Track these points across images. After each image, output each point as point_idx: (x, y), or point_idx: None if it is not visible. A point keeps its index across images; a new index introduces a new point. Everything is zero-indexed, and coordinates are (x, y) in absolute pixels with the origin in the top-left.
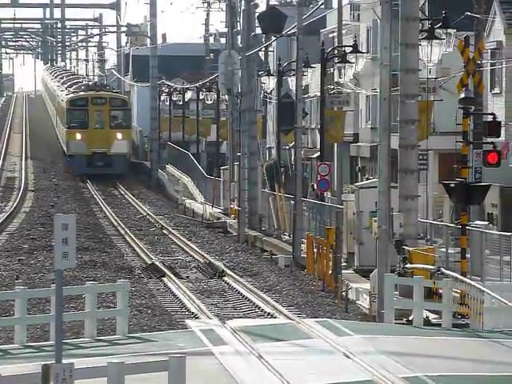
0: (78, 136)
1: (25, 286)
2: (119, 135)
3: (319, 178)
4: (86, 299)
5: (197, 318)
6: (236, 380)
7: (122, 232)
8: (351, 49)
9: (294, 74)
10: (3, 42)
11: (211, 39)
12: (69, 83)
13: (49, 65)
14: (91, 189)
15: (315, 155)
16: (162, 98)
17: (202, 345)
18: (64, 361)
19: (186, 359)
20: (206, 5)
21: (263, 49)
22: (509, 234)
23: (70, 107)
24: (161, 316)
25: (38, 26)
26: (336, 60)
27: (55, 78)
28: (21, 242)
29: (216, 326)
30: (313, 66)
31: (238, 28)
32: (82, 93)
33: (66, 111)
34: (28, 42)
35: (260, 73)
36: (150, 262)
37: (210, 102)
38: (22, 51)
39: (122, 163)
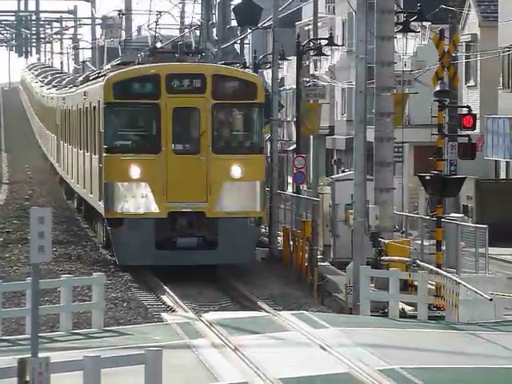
0: (135, 172)
1: None
2: (237, 170)
3: (295, 171)
4: (61, 292)
5: (173, 311)
6: (212, 373)
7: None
8: (327, 41)
9: (269, 67)
10: None
11: (186, 31)
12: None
13: (28, 62)
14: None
15: (291, 148)
16: None
17: (178, 338)
18: (40, 354)
19: (162, 353)
20: None
21: (239, 41)
22: (484, 226)
23: (117, 99)
24: (137, 309)
25: (13, 18)
26: (312, 53)
27: (45, 82)
28: None
29: (192, 320)
30: (288, 58)
31: (214, 20)
32: (145, 65)
33: (104, 110)
34: (2, 34)
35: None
36: None
37: None
38: None
39: (244, 240)
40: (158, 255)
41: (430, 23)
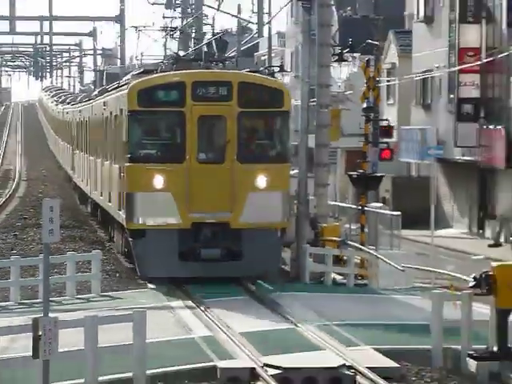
0: (159, 181)
1: (18, 256)
2: (262, 180)
3: None
4: (67, 266)
5: (156, 279)
6: (186, 329)
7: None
8: (279, 68)
9: None
10: (3, 62)
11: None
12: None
13: (43, 85)
14: None
15: None
16: None
17: (160, 301)
18: (50, 315)
19: (146, 313)
20: (164, 34)
21: None
22: (398, 213)
23: (141, 107)
24: (127, 279)
25: (31, 49)
26: None
27: (60, 101)
28: (15, 221)
29: (171, 286)
30: None
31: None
32: (170, 72)
33: (127, 118)
34: (23, 62)
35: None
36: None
37: None
38: (17, 69)
39: (268, 251)
40: (181, 267)
41: (359, 54)
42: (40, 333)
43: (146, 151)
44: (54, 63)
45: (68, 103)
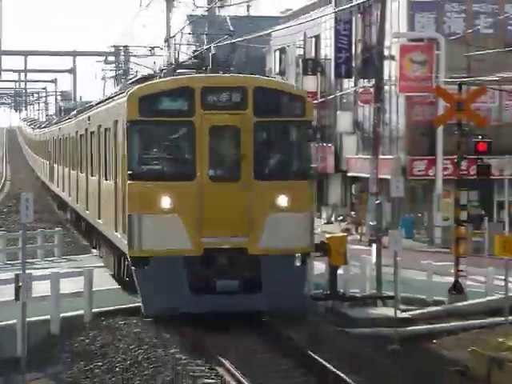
0: (165, 202)
1: (5, 231)
2: (284, 199)
3: None
4: (38, 238)
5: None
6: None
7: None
8: None
9: None
10: None
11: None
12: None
13: (21, 116)
14: None
15: None
16: None
17: (102, 262)
18: (27, 271)
19: (93, 270)
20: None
21: None
22: None
23: (143, 117)
24: (80, 247)
25: (12, 91)
26: None
27: (36, 127)
28: (2, 208)
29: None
30: None
31: None
32: (176, 77)
33: (127, 130)
34: (6, 100)
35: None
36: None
37: None
38: (2, 105)
39: (291, 281)
40: (192, 301)
41: None
42: (20, 284)
43: (150, 167)
44: (28, 101)
45: (43, 128)
